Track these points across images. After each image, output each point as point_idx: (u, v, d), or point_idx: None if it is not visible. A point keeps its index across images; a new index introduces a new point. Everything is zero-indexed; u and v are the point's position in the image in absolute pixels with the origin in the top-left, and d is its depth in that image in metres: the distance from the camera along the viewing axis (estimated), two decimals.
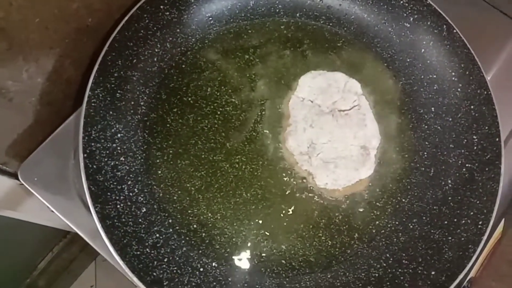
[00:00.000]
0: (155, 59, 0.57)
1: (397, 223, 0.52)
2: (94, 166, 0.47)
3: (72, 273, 1.18)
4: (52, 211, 0.53)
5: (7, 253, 0.84)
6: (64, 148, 0.55)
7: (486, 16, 0.67)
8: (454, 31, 0.55)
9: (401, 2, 0.59)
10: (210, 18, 0.61)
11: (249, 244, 0.50)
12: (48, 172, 0.53)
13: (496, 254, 0.59)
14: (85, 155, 0.46)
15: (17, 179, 0.58)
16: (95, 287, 1.21)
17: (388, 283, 0.48)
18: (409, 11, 0.58)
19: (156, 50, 0.57)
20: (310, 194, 0.53)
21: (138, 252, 0.46)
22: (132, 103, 0.54)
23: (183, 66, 0.59)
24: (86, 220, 0.52)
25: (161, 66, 0.57)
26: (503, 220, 0.57)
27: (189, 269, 0.48)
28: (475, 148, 0.52)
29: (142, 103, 0.55)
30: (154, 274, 0.45)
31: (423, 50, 0.58)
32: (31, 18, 0.46)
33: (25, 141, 0.56)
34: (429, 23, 0.57)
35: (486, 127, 0.52)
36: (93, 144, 0.48)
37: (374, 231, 0.52)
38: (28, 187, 0.53)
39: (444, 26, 0.56)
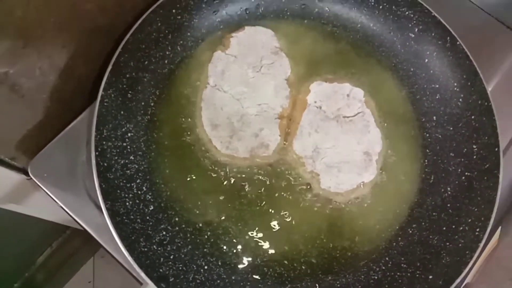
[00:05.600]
0: (166, 61, 0.58)
1: (397, 227, 0.54)
2: (105, 164, 0.48)
3: (71, 268, 1.19)
4: (61, 206, 0.54)
5: (7, 247, 0.84)
6: (74, 145, 0.56)
7: (489, 29, 0.69)
8: (458, 42, 0.57)
9: (407, 13, 0.60)
10: (220, 23, 0.62)
11: (252, 244, 0.52)
12: (58, 168, 0.55)
13: (491, 261, 0.60)
14: (97, 153, 0.47)
15: (25, 174, 0.59)
16: (93, 283, 1.22)
17: (386, 286, 0.49)
18: (414, 22, 0.60)
19: (167, 53, 0.58)
20: (313, 197, 0.54)
21: (146, 249, 0.47)
22: (143, 103, 0.55)
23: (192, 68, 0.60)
24: (94, 216, 0.53)
25: (171, 68, 0.59)
26: (500, 228, 0.59)
27: (194, 266, 0.49)
28: (474, 157, 0.54)
29: (152, 104, 0.56)
30: (161, 270, 0.46)
31: (426, 60, 0.60)
32: (46, 17, 0.47)
33: (34, 137, 0.57)
34: (433, 34, 0.59)
35: (486, 137, 0.54)
36: (104, 142, 0.49)
37: (374, 235, 0.53)
38: (38, 182, 0.54)
39: (448, 38, 0.58)
